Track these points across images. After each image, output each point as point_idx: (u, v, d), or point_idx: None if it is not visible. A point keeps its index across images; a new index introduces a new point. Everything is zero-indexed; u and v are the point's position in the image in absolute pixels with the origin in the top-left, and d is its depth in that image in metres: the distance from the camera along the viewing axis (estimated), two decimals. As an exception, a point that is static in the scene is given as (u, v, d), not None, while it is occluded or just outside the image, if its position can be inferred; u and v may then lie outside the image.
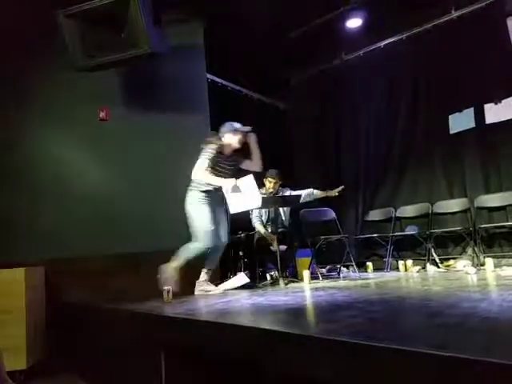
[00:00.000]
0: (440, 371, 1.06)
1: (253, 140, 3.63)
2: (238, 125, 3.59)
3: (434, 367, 1.07)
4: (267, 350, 1.56)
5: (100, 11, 3.30)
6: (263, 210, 4.36)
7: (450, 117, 5.16)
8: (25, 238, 3.61)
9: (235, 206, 3.48)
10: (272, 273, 4.22)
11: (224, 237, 3.57)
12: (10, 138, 3.76)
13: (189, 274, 3.88)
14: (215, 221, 3.43)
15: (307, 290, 3.24)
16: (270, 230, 4.22)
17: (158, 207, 4.07)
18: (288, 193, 4.34)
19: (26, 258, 3.39)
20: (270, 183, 4.29)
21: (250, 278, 3.80)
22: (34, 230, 3.65)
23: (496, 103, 4.78)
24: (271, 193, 4.26)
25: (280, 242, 4.03)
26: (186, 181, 4.20)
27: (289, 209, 4.40)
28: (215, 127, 4.60)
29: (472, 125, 4.97)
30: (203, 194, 3.45)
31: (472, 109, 4.99)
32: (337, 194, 4.31)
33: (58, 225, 3.74)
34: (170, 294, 3.04)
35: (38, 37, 3.79)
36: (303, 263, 4.40)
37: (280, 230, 4.13)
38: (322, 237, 4.46)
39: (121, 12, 3.29)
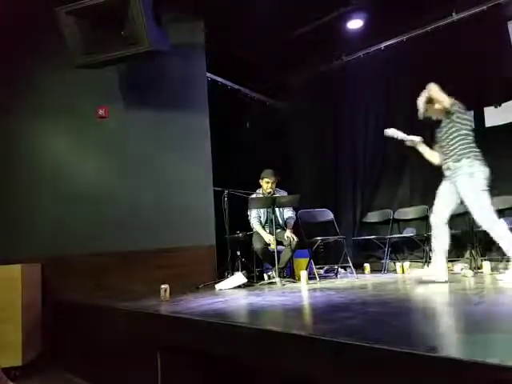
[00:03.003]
0: (436, 373, 1.06)
1: None
2: None
3: (431, 369, 1.07)
4: (263, 350, 1.55)
5: (100, 8, 3.29)
6: (261, 211, 4.36)
7: (449, 119, 5.15)
8: (23, 235, 3.60)
9: None
10: (269, 273, 4.21)
11: None
12: (10, 137, 3.75)
13: (188, 273, 3.89)
14: None
15: (304, 290, 3.23)
16: (267, 231, 4.22)
17: (158, 206, 4.06)
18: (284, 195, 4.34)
19: (24, 255, 3.38)
20: (266, 183, 4.28)
21: (247, 277, 3.80)
22: (32, 228, 3.65)
23: (496, 106, 4.78)
24: (269, 193, 4.25)
25: (278, 243, 4.03)
26: (186, 179, 4.20)
27: (285, 209, 4.40)
28: (214, 126, 4.61)
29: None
30: None
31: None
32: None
33: (55, 223, 3.73)
34: (167, 293, 3.03)
35: (38, 34, 3.79)
36: (301, 264, 4.40)
37: (278, 230, 4.13)
38: (320, 238, 4.46)
39: (121, 10, 3.28)
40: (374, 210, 5.71)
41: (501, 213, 4.68)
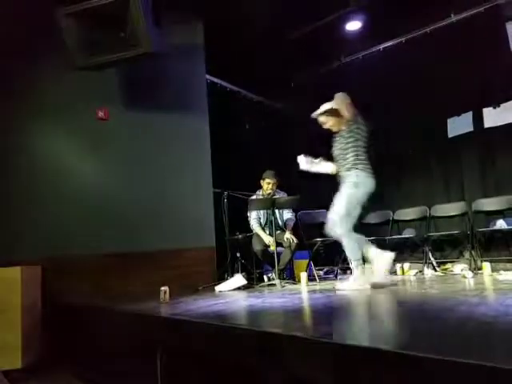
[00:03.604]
0: (437, 375, 1.06)
1: None
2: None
3: (432, 371, 1.06)
4: (263, 351, 1.55)
5: (100, 10, 3.29)
6: (261, 212, 4.36)
7: (448, 120, 5.17)
8: (23, 236, 3.59)
9: None
10: (269, 274, 4.21)
11: None
12: (9, 137, 3.75)
13: (188, 275, 3.89)
14: None
15: (304, 292, 3.23)
16: (267, 232, 4.22)
17: (158, 206, 4.06)
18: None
19: (24, 256, 3.37)
20: (267, 184, 4.29)
21: (247, 279, 3.80)
22: (31, 229, 3.64)
23: (494, 107, 4.79)
24: (269, 194, 4.26)
25: (277, 244, 4.03)
26: (186, 180, 4.19)
27: (285, 210, 4.40)
28: (214, 128, 4.62)
29: (470, 129, 4.98)
30: None
31: (471, 113, 5.00)
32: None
33: (55, 223, 3.72)
34: (167, 295, 3.03)
35: (39, 35, 3.78)
36: (300, 265, 4.40)
37: (277, 232, 4.13)
38: (320, 239, 4.45)
39: (121, 11, 3.28)
40: (373, 211, 5.71)
41: (501, 213, 4.70)
